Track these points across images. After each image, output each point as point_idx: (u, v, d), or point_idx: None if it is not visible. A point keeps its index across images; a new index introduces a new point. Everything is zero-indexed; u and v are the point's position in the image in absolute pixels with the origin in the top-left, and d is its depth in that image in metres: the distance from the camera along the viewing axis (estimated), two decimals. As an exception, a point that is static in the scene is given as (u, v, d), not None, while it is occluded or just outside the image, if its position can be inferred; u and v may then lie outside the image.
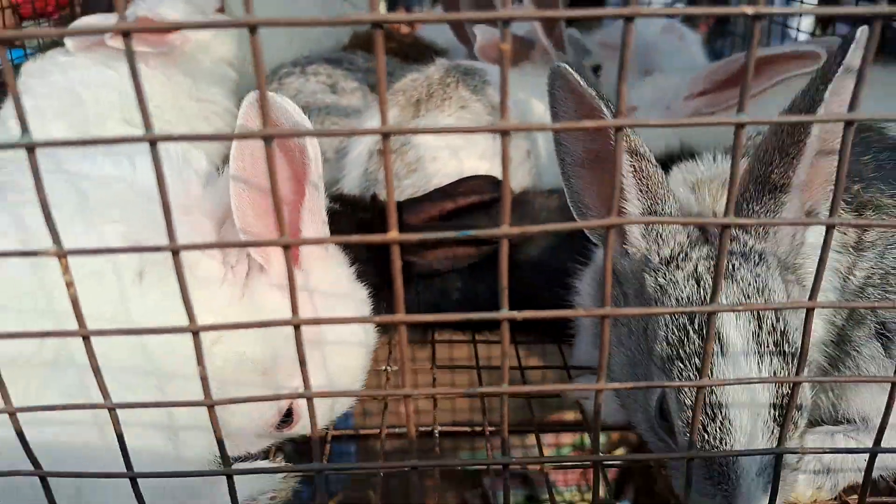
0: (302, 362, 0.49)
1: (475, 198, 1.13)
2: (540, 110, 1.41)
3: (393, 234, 0.45)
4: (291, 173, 0.73)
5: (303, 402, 0.79)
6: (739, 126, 0.46)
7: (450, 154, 1.33)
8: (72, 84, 1.42)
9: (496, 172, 1.26)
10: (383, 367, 1.11)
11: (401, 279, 0.47)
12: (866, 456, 0.65)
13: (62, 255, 0.43)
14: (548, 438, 2.56)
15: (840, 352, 0.85)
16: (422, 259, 1.13)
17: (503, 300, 0.47)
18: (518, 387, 0.60)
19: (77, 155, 0.69)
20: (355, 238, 0.46)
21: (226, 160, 0.69)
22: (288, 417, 0.82)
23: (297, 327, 0.48)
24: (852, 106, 0.47)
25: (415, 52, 1.89)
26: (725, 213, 0.49)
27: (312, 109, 1.57)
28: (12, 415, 0.50)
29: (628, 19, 0.42)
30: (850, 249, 0.84)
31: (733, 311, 0.71)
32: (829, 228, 0.51)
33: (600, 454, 0.61)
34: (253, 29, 0.39)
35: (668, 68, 1.90)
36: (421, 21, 1.73)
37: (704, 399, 0.70)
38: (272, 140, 0.42)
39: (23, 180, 0.67)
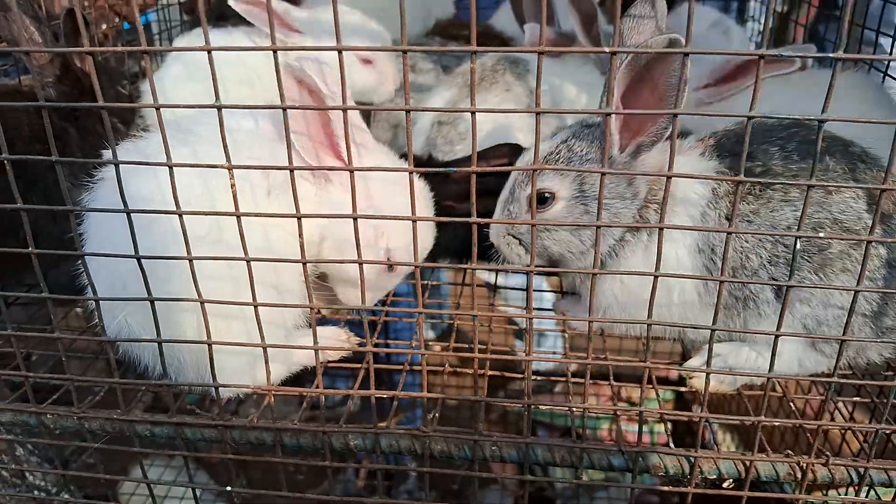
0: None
1: (504, 160, 1.50)
2: (571, 94, 1.75)
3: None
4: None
5: (397, 257, 1.21)
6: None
7: (493, 127, 1.69)
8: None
9: (530, 143, 1.62)
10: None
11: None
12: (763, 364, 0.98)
13: (230, 168, 0.84)
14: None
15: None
16: (460, 205, 1.51)
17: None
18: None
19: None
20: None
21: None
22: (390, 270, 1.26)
23: (354, 220, 0.88)
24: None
25: (485, 40, 2.24)
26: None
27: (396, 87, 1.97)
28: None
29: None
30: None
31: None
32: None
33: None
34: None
35: (710, 61, 2.16)
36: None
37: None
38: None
39: (197, 128, 1.11)
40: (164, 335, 1.00)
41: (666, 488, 1.09)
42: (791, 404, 1.30)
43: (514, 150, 1.52)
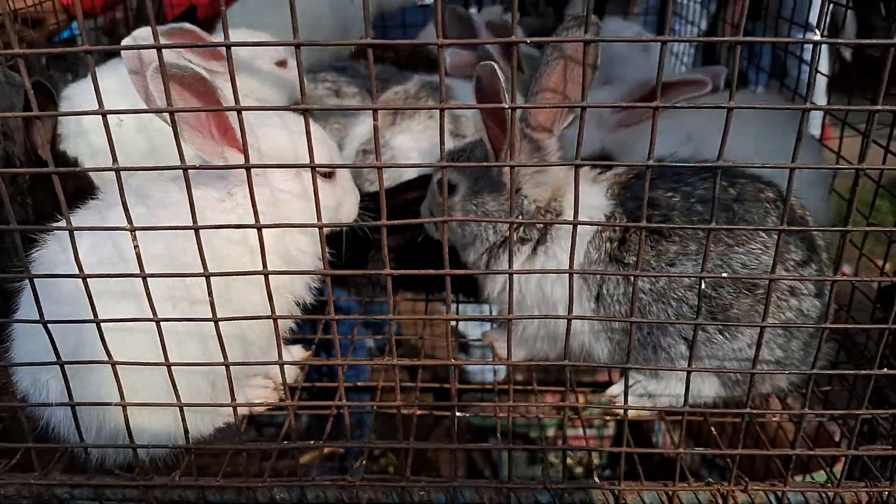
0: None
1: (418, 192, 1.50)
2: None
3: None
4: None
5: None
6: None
7: (419, 155, 1.69)
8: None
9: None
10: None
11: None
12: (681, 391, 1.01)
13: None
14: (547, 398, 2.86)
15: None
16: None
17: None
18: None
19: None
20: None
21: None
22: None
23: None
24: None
25: (411, 61, 2.24)
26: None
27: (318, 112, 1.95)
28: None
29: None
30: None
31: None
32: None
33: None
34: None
35: (630, 77, 2.21)
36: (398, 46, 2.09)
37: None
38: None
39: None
40: (90, 395, 0.98)
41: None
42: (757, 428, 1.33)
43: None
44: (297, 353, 1.38)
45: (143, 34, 1.58)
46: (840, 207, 1.53)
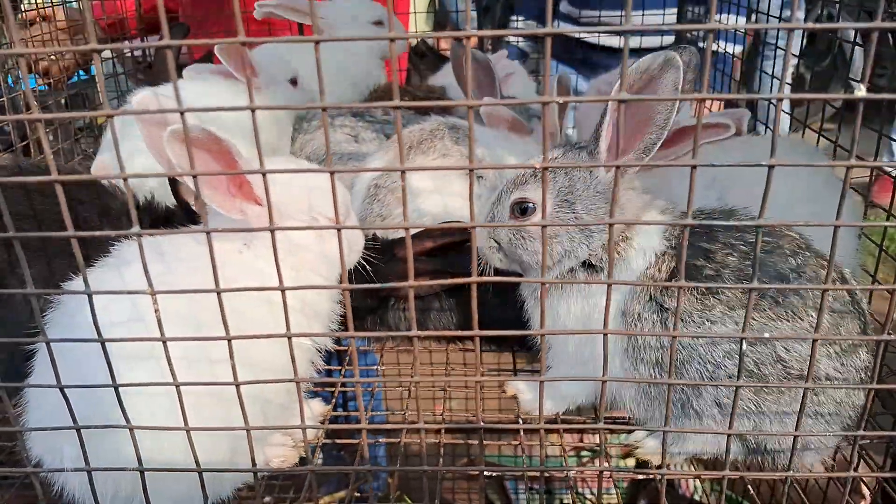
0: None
1: (448, 239, 1.47)
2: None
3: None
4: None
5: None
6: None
7: (433, 190, 1.67)
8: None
9: (468, 209, 1.62)
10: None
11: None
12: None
13: (152, 293, 0.79)
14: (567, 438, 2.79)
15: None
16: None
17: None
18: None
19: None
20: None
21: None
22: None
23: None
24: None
25: (428, 100, 2.23)
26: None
27: (336, 156, 1.94)
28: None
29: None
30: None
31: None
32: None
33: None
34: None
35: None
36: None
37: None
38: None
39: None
40: (107, 459, 0.95)
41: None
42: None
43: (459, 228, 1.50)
44: (316, 407, 1.35)
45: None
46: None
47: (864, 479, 1.27)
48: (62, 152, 2.15)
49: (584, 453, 2.80)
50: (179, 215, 1.35)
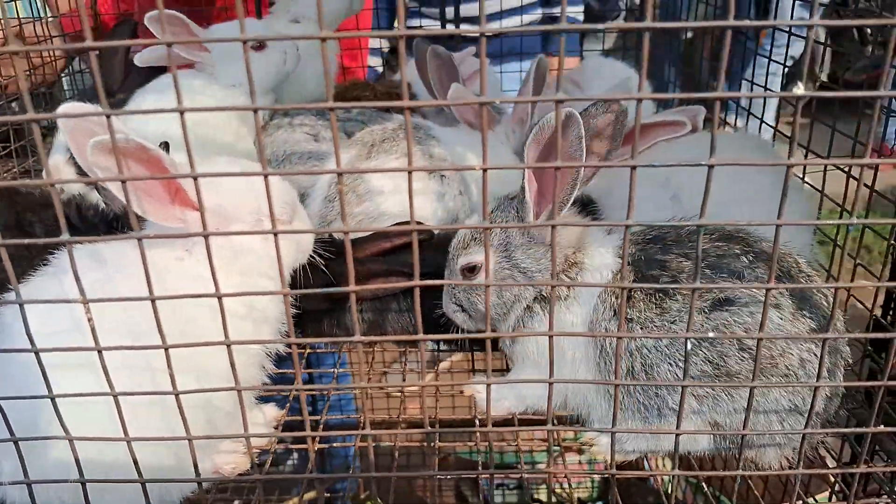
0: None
1: (404, 239, 1.46)
2: (473, 162, 1.73)
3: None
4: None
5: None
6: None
7: (393, 188, 1.65)
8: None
9: (428, 208, 1.61)
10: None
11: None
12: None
13: (84, 302, 0.77)
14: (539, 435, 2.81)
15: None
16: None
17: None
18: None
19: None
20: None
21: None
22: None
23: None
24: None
25: (392, 97, 2.21)
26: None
27: (295, 155, 1.91)
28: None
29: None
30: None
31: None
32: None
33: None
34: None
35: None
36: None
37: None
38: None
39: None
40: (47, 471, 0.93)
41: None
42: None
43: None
44: (269, 411, 1.32)
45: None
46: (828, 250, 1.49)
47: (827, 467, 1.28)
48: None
49: (553, 448, 2.82)
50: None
